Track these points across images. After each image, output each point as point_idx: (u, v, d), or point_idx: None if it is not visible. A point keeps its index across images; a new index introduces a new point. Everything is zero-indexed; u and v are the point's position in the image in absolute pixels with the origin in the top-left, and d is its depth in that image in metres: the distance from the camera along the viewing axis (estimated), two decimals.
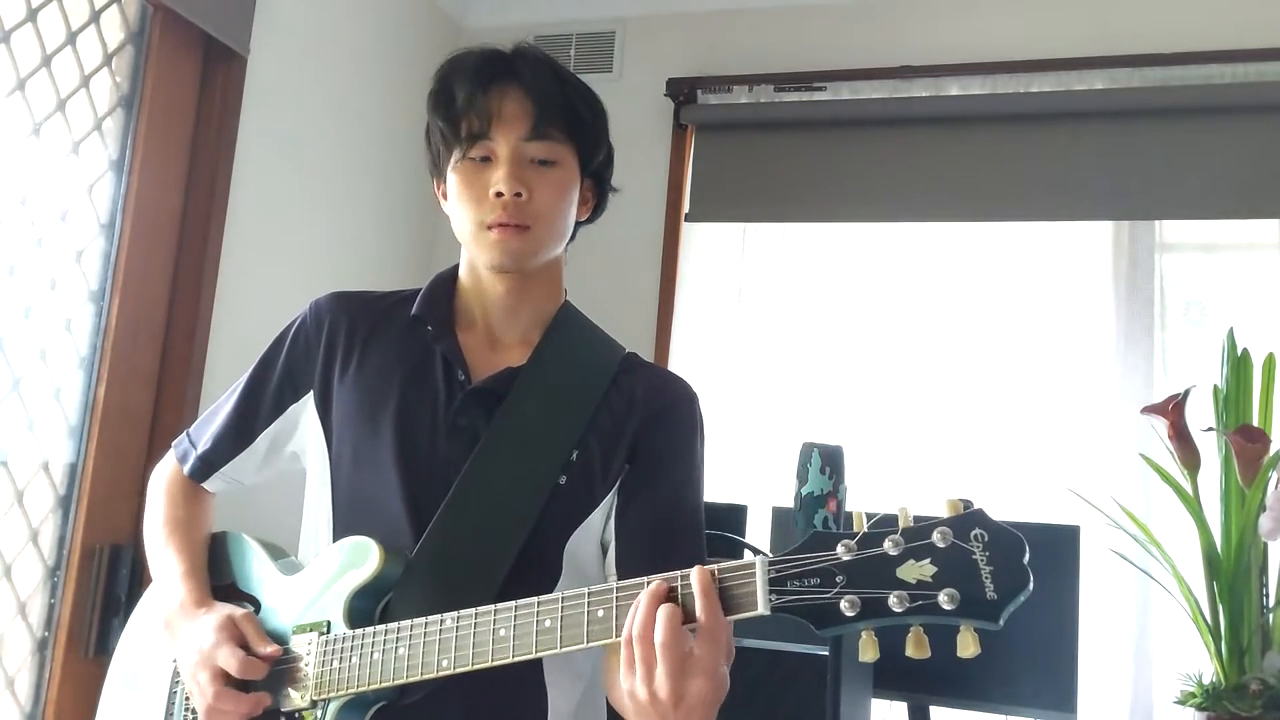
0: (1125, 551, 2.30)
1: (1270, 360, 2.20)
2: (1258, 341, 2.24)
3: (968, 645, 0.90)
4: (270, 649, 1.21)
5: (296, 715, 1.20)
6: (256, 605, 1.30)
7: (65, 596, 2.16)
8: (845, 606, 0.92)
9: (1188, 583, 2.17)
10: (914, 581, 0.91)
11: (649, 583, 1.01)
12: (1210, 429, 2.20)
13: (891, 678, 2.20)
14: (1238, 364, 2.23)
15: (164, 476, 1.44)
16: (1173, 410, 2.19)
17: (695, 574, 0.99)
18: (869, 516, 0.96)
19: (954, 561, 0.91)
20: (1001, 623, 0.89)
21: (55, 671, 2.13)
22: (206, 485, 1.42)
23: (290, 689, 1.20)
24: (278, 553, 1.36)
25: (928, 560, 0.91)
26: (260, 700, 1.20)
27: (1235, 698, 2.02)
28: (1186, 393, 2.20)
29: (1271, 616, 2.11)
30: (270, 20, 2.56)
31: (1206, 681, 2.08)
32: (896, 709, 2.47)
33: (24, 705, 2.11)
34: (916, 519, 0.95)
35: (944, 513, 0.93)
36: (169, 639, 1.30)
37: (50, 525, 2.16)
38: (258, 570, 1.34)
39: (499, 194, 1.24)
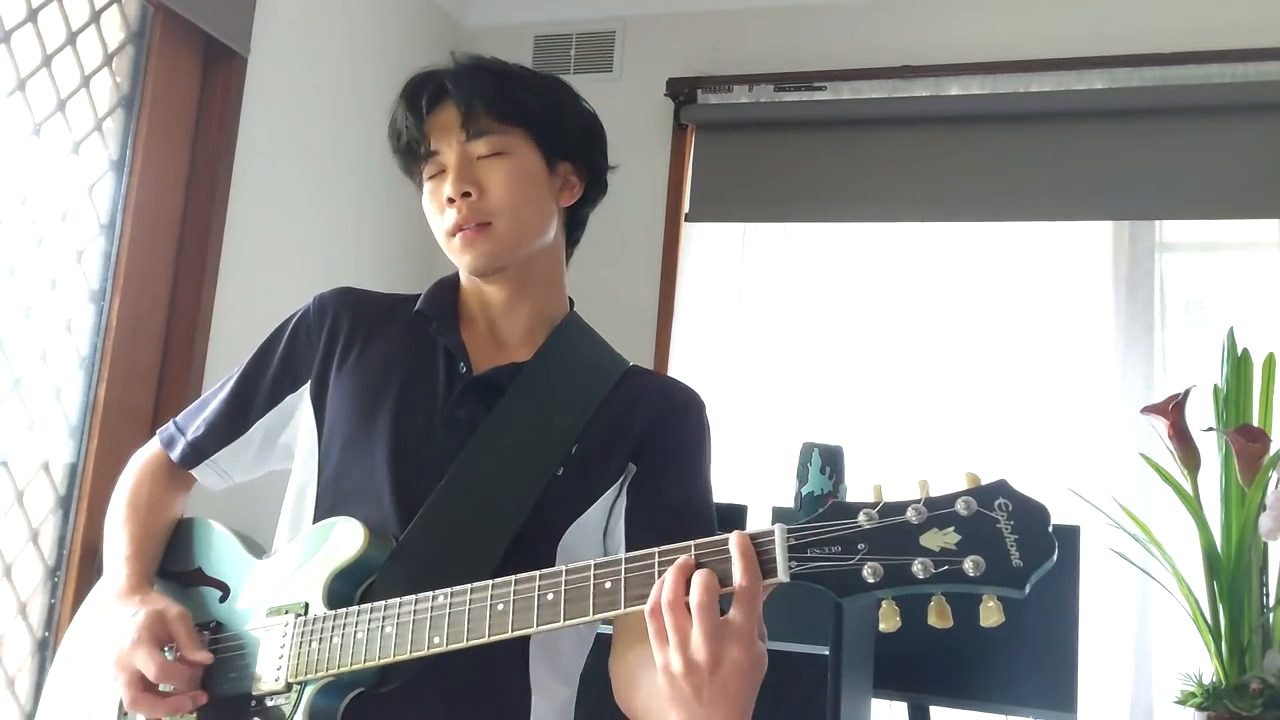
0: (1125, 551, 2.30)
1: (1270, 360, 2.20)
2: (1258, 341, 2.24)
3: (991, 615, 0.88)
4: (200, 655, 1.16)
5: (268, 699, 1.14)
6: (225, 590, 1.26)
7: (65, 596, 2.16)
8: (867, 573, 0.91)
9: (1188, 582, 2.17)
10: (938, 549, 0.90)
11: (659, 554, 0.99)
12: (1210, 429, 2.20)
13: (892, 678, 2.20)
14: (1238, 364, 2.23)
15: (138, 464, 1.40)
16: (1173, 410, 2.19)
17: (734, 537, 0.97)
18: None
19: (978, 530, 0.90)
20: (1027, 590, 0.87)
21: None
22: (195, 473, 1.38)
23: (261, 673, 1.16)
24: (251, 543, 1.31)
25: (951, 528, 0.90)
26: (179, 704, 1.15)
27: (1235, 697, 2.02)
28: (1186, 393, 2.20)
29: (1271, 616, 2.11)
30: (270, 20, 2.56)
31: (1206, 681, 2.08)
32: (896, 709, 2.48)
33: (24, 705, 2.11)
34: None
35: (963, 486, 0.92)
36: (105, 626, 1.24)
37: (50, 525, 2.17)
38: (228, 555, 1.30)
39: (450, 200, 1.24)
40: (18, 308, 2.10)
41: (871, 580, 0.91)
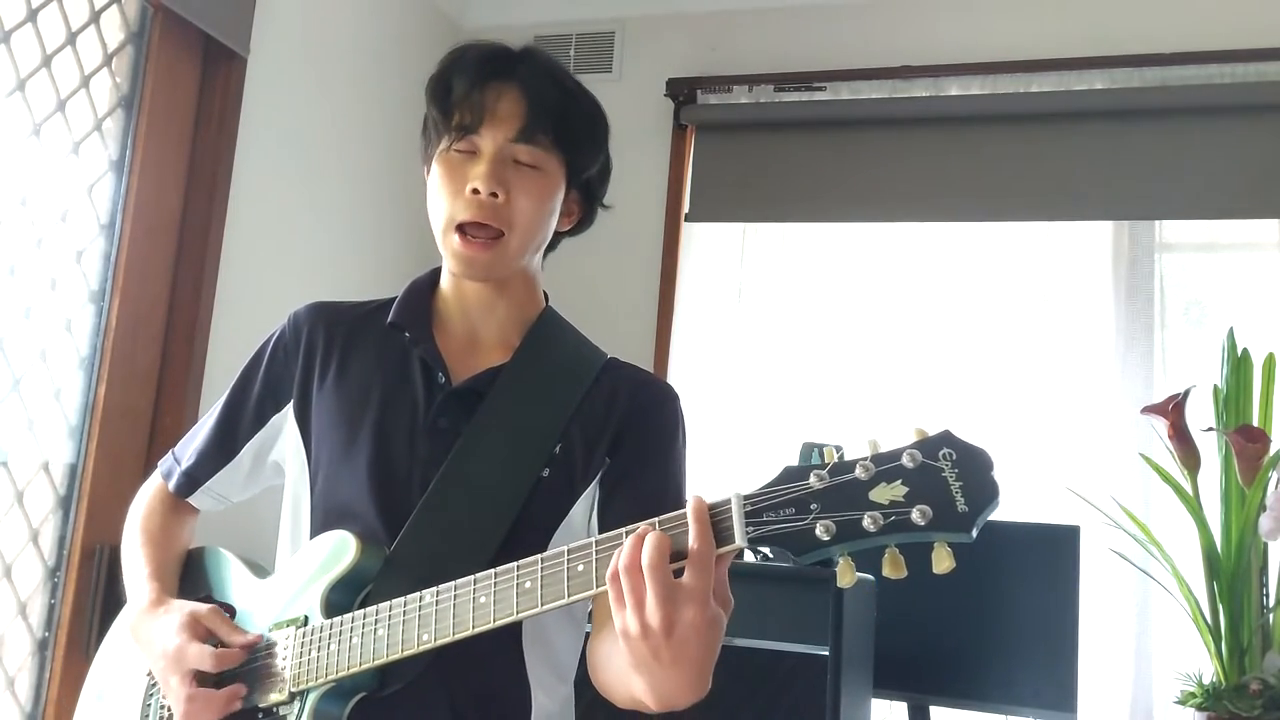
0: (1125, 551, 2.31)
1: (1270, 360, 2.20)
2: (1258, 341, 2.24)
3: (942, 560, 0.92)
4: (246, 637, 1.21)
5: (275, 710, 1.18)
6: (232, 612, 1.30)
7: (65, 596, 2.16)
8: (820, 531, 0.94)
9: (1188, 583, 2.17)
10: (886, 502, 0.93)
11: (627, 533, 1.01)
12: (1210, 429, 2.20)
13: (892, 678, 2.20)
14: (1238, 364, 2.23)
15: (145, 496, 1.44)
16: (1173, 410, 2.19)
17: (691, 501, 1.00)
18: (838, 449, 0.98)
19: (924, 480, 0.93)
20: (974, 534, 0.91)
21: (55, 671, 2.13)
22: (192, 501, 1.42)
23: (268, 685, 1.19)
24: (255, 565, 1.35)
25: (899, 481, 0.94)
26: (235, 692, 1.19)
27: (1235, 698, 2.02)
28: (1186, 393, 2.20)
29: (1271, 616, 2.11)
30: (270, 20, 2.56)
31: (1206, 681, 2.08)
32: (896, 709, 2.47)
33: (24, 705, 2.11)
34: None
35: (912, 439, 0.96)
36: (138, 647, 1.29)
37: (50, 525, 2.16)
38: (233, 578, 1.34)
39: (475, 190, 1.23)
40: (18, 308, 2.10)
41: (825, 538, 0.94)
